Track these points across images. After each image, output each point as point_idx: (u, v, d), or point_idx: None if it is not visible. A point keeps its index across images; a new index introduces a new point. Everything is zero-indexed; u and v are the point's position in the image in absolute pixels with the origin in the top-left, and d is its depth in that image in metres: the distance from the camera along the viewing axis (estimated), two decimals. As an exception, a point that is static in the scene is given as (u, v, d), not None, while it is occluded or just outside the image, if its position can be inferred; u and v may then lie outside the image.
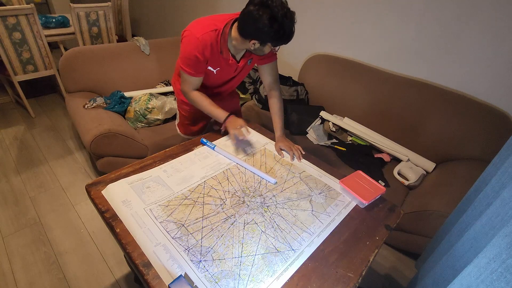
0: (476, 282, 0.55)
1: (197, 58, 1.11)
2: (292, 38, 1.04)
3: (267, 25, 0.96)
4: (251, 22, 0.99)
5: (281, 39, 1.02)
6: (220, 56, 1.16)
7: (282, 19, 0.96)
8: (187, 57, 1.12)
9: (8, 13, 2.12)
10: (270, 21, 0.95)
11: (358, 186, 1.04)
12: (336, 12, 2.04)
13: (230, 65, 1.21)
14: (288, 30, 1.00)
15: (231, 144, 1.26)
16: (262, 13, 0.95)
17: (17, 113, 2.69)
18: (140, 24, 4.34)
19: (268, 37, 1.01)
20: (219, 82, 1.34)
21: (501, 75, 1.54)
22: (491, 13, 1.46)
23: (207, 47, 1.10)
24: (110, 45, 2.25)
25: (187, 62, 1.13)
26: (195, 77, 1.18)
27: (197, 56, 1.10)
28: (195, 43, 1.08)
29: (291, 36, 1.03)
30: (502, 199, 0.69)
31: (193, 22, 1.13)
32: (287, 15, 0.97)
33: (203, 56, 1.11)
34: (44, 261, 1.47)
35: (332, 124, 2.02)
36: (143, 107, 1.92)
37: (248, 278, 0.75)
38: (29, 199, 1.81)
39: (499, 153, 0.89)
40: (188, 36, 1.10)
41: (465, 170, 1.55)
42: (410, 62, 1.86)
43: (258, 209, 0.95)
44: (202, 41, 1.08)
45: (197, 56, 1.10)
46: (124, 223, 0.85)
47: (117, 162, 1.76)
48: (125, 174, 1.02)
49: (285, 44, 1.06)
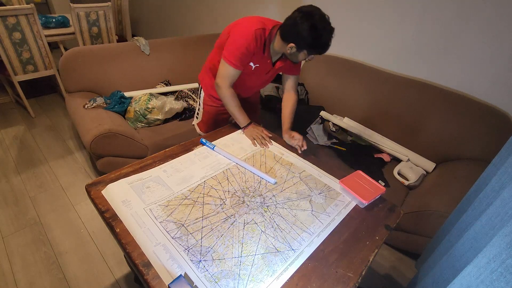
0: (476, 282, 0.55)
1: (247, 51, 1.17)
2: (326, 50, 1.11)
3: (306, 31, 1.05)
4: (293, 26, 1.08)
5: (316, 47, 1.10)
6: (262, 54, 1.23)
7: (322, 30, 1.05)
8: (237, 48, 1.17)
9: (8, 13, 2.12)
10: (311, 28, 1.05)
11: (358, 186, 1.03)
12: (336, 12, 2.04)
13: (267, 65, 1.29)
14: (324, 41, 1.08)
15: (231, 144, 1.27)
16: (305, 20, 1.05)
17: (17, 113, 2.69)
18: (140, 24, 4.34)
19: (306, 43, 1.09)
20: (250, 82, 1.39)
21: (501, 75, 1.54)
22: (491, 13, 1.46)
23: (257, 42, 1.17)
24: (110, 45, 2.25)
25: (236, 53, 1.18)
26: (237, 69, 1.22)
27: (247, 49, 1.17)
28: (249, 36, 1.15)
29: (326, 47, 1.10)
30: (502, 199, 0.69)
31: (244, 18, 1.22)
32: (326, 28, 1.06)
33: (252, 49, 1.18)
34: (44, 261, 1.47)
35: (332, 124, 2.02)
36: (143, 107, 1.92)
37: (248, 278, 0.75)
38: (29, 199, 1.81)
39: (499, 153, 0.89)
40: (242, 29, 1.18)
41: (465, 170, 1.55)
42: (410, 62, 1.86)
43: (258, 209, 0.95)
44: (255, 35, 1.15)
45: (247, 48, 1.17)
46: (124, 223, 0.85)
47: (117, 162, 1.76)
48: (125, 174, 1.02)
49: (319, 54, 1.13)
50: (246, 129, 1.33)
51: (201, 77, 1.50)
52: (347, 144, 1.94)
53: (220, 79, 1.25)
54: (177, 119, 2.09)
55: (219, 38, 1.32)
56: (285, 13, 1.14)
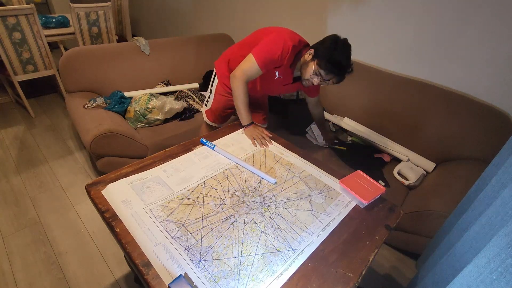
0: (476, 282, 0.55)
1: (277, 59, 1.22)
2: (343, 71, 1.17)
3: (328, 41, 1.18)
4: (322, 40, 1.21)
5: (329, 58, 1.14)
6: (288, 68, 1.29)
7: (341, 46, 1.15)
8: (270, 52, 1.22)
9: (8, 13, 2.12)
10: (333, 39, 1.17)
11: (358, 186, 1.03)
12: (336, 12, 2.04)
13: (288, 79, 1.35)
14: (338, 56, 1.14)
15: (231, 144, 1.27)
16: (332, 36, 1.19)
17: (17, 113, 2.69)
18: (140, 24, 4.34)
19: (322, 51, 1.16)
20: (268, 88, 1.45)
21: (501, 75, 1.54)
22: (491, 13, 1.46)
23: (288, 56, 1.23)
24: (110, 45, 2.25)
25: (267, 55, 1.22)
26: (260, 69, 1.25)
27: (279, 58, 1.22)
28: (285, 48, 1.21)
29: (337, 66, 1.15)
30: (502, 199, 0.69)
31: (286, 29, 1.29)
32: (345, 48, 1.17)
33: (281, 60, 1.23)
34: (44, 261, 1.47)
35: (332, 124, 2.02)
36: (143, 107, 1.92)
37: (248, 277, 0.75)
38: (29, 199, 1.81)
39: (499, 153, 0.89)
40: (282, 38, 1.23)
41: (465, 170, 1.55)
42: (410, 62, 1.86)
43: (258, 209, 0.95)
44: (290, 50, 1.22)
45: (279, 57, 1.22)
46: (124, 223, 0.85)
47: (117, 162, 1.76)
48: (125, 174, 1.02)
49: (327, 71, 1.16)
50: (246, 129, 1.34)
51: (218, 64, 1.52)
52: (347, 144, 1.94)
53: (239, 72, 1.27)
54: (177, 119, 2.09)
55: (249, 36, 1.38)
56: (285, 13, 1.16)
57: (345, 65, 1.15)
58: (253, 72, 1.25)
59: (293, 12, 2.31)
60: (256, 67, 1.23)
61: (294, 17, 2.32)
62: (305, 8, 2.22)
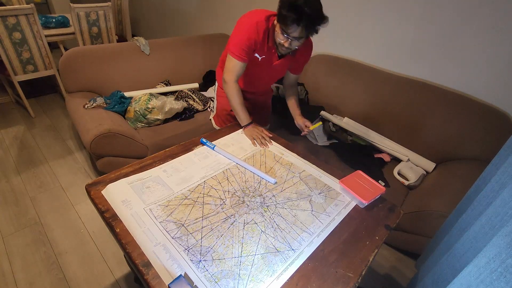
0: (475, 282, 0.55)
1: (249, 41, 1.19)
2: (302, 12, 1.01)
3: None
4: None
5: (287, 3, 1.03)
6: (266, 44, 1.24)
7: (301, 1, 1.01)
8: (240, 40, 1.20)
9: (8, 13, 2.12)
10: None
11: (358, 186, 1.03)
12: (336, 12, 2.04)
13: (273, 56, 1.29)
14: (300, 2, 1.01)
15: (231, 144, 1.27)
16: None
17: (17, 113, 2.69)
18: (140, 24, 4.34)
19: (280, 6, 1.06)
20: (258, 74, 1.40)
21: (501, 75, 1.54)
22: (491, 13, 1.46)
23: (260, 32, 1.19)
24: (110, 45, 2.25)
25: (239, 45, 1.20)
26: (242, 62, 1.24)
27: (249, 39, 1.19)
28: (250, 27, 1.18)
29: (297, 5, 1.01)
30: (502, 199, 0.69)
31: (250, 11, 1.24)
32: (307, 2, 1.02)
33: (254, 39, 1.19)
34: (44, 261, 1.47)
35: (332, 124, 2.02)
36: (143, 107, 1.92)
37: (248, 278, 0.75)
38: (29, 199, 1.81)
39: (499, 153, 0.89)
40: (244, 21, 1.20)
41: (465, 170, 1.55)
42: (410, 62, 1.86)
43: (258, 209, 0.95)
44: (256, 26, 1.17)
45: (249, 39, 1.19)
46: (124, 223, 0.85)
47: (117, 162, 1.76)
48: (125, 174, 1.02)
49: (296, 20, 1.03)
50: (246, 129, 1.34)
51: (217, 70, 1.55)
52: (347, 144, 1.94)
53: (226, 74, 1.28)
54: (177, 119, 2.08)
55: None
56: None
57: (301, 4, 1.01)
58: (236, 67, 1.25)
59: (293, 12, 2.31)
60: (237, 62, 1.24)
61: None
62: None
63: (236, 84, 1.29)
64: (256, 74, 1.39)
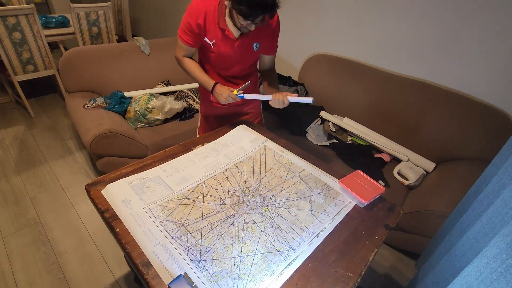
0: (476, 282, 0.55)
1: (190, 25, 1.17)
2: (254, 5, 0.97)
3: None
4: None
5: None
6: (217, 27, 1.17)
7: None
8: (183, 24, 1.19)
9: (8, 13, 2.12)
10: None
11: (358, 186, 1.03)
12: (336, 12, 2.04)
13: (227, 38, 1.19)
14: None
15: (230, 143, 1.26)
16: None
17: (17, 113, 2.69)
18: (140, 24, 4.34)
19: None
20: (223, 63, 1.30)
21: (501, 75, 1.54)
22: (491, 13, 1.46)
23: (201, 15, 1.14)
24: (110, 45, 2.25)
25: (183, 29, 1.20)
26: (185, 45, 1.23)
27: (190, 23, 1.16)
28: (190, 11, 1.16)
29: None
30: (502, 199, 0.69)
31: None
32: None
33: (197, 23, 1.16)
34: (44, 261, 1.47)
35: (332, 124, 2.02)
36: (143, 107, 1.92)
37: (248, 277, 0.75)
38: (29, 199, 1.81)
39: (499, 153, 0.89)
40: (188, 8, 1.17)
41: (465, 170, 1.55)
42: (410, 62, 1.86)
43: (257, 209, 0.95)
44: (197, 9, 1.14)
45: (190, 23, 1.16)
46: (123, 223, 0.85)
47: (117, 162, 1.77)
48: (125, 174, 1.02)
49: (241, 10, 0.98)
50: (214, 90, 1.25)
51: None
52: (347, 144, 1.94)
53: (177, 52, 1.30)
54: (177, 119, 2.09)
55: None
56: (284, 13, 1.13)
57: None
58: (184, 48, 1.25)
59: (293, 12, 2.31)
60: (181, 43, 1.24)
61: (293, 17, 2.32)
62: (304, 9, 2.23)
63: (188, 58, 1.29)
64: (219, 60, 1.29)
